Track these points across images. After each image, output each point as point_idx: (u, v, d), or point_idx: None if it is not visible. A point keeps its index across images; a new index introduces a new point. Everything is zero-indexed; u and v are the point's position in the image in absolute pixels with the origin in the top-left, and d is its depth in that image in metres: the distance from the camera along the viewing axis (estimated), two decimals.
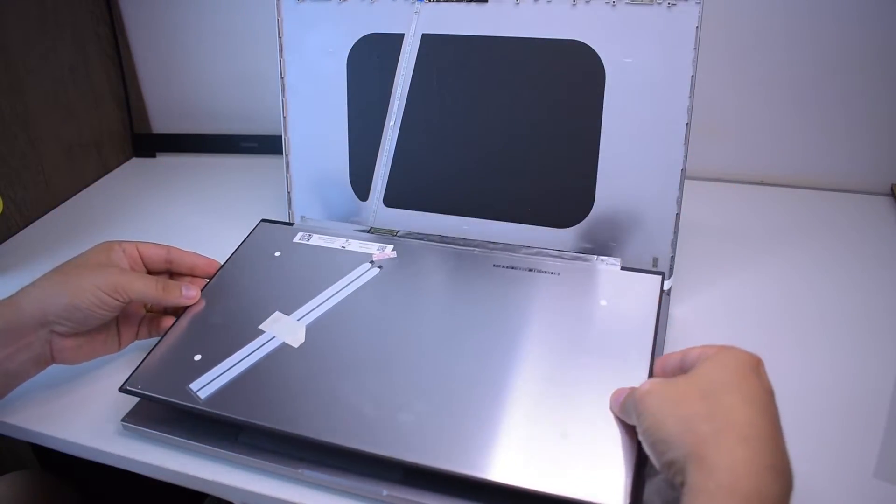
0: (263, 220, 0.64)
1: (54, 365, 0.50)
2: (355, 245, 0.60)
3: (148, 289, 0.51)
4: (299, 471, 0.43)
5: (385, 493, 0.42)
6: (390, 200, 0.63)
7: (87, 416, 0.50)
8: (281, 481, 0.44)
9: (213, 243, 0.71)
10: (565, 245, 0.59)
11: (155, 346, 0.51)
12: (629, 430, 0.41)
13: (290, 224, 0.64)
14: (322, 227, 0.63)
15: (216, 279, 0.57)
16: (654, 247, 0.57)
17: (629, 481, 0.39)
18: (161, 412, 0.48)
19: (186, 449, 0.47)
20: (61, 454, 0.50)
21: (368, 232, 0.63)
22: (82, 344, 0.50)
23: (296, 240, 0.62)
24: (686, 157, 0.54)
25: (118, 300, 0.49)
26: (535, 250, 0.58)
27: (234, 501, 0.46)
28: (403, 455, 0.41)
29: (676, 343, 0.53)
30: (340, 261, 0.58)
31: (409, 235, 0.61)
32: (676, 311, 0.57)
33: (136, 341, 0.55)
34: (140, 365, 0.49)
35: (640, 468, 0.40)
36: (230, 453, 0.45)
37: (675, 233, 0.55)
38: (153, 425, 0.47)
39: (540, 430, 0.42)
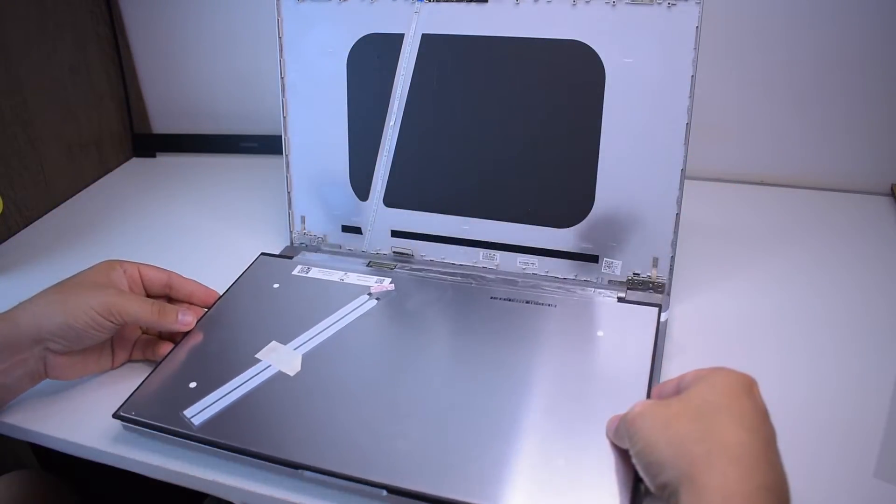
0: (263, 254, 0.65)
1: None
2: (353, 278, 0.61)
3: (143, 312, 0.50)
4: (299, 471, 0.43)
5: (385, 493, 0.42)
6: (390, 200, 0.63)
7: (86, 416, 0.50)
8: (281, 481, 0.44)
9: (212, 244, 0.71)
10: (566, 245, 0.59)
11: (149, 374, 0.51)
12: (625, 456, 0.41)
13: (290, 258, 0.65)
14: (321, 260, 0.64)
15: (214, 309, 0.58)
16: (654, 247, 0.57)
17: None
18: None
19: (186, 448, 0.47)
20: (61, 454, 0.50)
21: (367, 265, 0.63)
22: (76, 362, 0.50)
23: (294, 272, 0.62)
24: (686, 157, 0.54)
25: (112, 322, 0.49)
26: (533, 283, 0.59)
27: (234, 501, 0.46)
28: (400, 482, 0.41)
29: (676, 344, 0.53)
30: (338, 293, 0.59)
31: (407, 269, 0.62)
32: (676, 310, 0.57)
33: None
34: (134, 392, 0.49)
35: (636, 493, 0.40)
36: (230, 453, 0.45)
37: (675, 233, 0.56)
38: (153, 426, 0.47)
39: (537, 459, 0.42)
